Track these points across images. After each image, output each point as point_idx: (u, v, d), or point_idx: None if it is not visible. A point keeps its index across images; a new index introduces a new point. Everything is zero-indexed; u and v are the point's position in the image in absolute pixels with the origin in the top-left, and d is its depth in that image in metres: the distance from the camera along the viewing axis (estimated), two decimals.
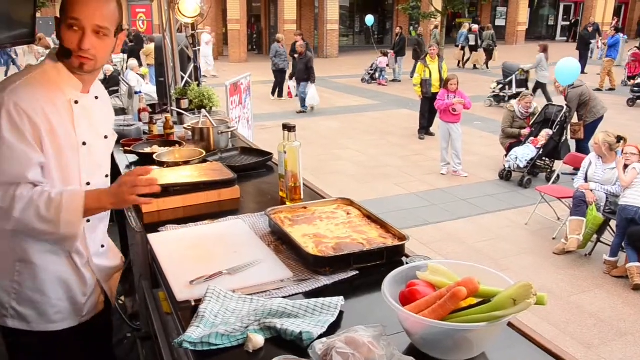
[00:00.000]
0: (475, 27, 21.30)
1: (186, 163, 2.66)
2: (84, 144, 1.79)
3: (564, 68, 8.35)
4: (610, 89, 15.39)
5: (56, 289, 1.85)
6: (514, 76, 13.00)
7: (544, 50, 12.59)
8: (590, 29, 19.95)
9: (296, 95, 13.73)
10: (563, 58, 8.38)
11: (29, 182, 1.66)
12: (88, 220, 1.86)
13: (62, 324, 1.89)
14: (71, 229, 1.69)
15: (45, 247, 1.79)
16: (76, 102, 1.78)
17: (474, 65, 20.78)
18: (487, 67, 20.57)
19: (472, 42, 21.06)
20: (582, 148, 8.02)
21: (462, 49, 21.45)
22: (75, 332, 1.93)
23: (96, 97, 1.89)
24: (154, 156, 2.74)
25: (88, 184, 1.82)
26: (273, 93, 15.24)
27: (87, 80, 1.82)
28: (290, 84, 14.20)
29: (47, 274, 1.82)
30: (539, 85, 12.57)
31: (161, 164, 2.67)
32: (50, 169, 1.72)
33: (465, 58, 21.49)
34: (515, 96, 11.86)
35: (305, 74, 12.91)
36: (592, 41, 20.18)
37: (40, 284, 1.82)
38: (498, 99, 13.44)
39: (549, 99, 11.51)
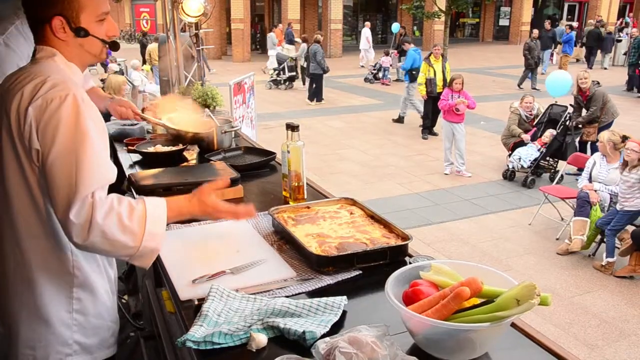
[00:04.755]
0: None
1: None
2: None
3: (556, 80, 8.38)
4: None
5: (108, 310, 1.74)
6: (285, 63, 16.18)
7: (305, 40, 16.03)
8: (600, 26, 20.05)
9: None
10: (554, 71, 8.43)
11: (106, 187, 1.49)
12: None
13: (114, 347, 1.80)
14: (153, 243, 1.49)
15: (94, 264, 1.67)
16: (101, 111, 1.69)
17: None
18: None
19: None
20: (592, 149, 7.96)
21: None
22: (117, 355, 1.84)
23: None
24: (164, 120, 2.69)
25: None
26: (312, 99, 14.33)
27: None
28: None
29: (102, 295, 1.70)
30: (303, 70, 16.11)
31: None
32: None
33: None
34: (290, 79, 16.51)
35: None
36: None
37: (99, 307, 1.69)
38: (276, 82, 16.64)
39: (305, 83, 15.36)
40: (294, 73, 16.67)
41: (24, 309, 1.59)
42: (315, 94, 14.26)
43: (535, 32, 16.58)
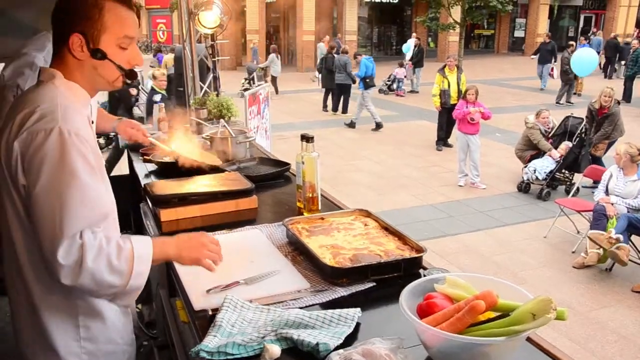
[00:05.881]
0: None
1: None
2: None
3: (582, 58, 8.20)
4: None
5: (121, 333, 1.67)
6: (254, 73, 16.61)
7: (274, 51, 17.98)
8: (616, 38, 19.98)
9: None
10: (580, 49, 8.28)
11: (98, 227, 1.41)
12: None
13: None
14: (139, 281, 1.45)
15: None
16: (92, 122, 1.61)
17: None
18: None
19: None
20: (599, 163, 7.93)
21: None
22: None
23: None
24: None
25: None
26: (336, 109, 14.40)
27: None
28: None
29: (111, 319, 1.63)
30: (272, 78, 17.20)
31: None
32: None
33: None
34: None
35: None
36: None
37: (110, 332, 1.62)
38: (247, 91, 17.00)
39: (276, 90, 17.13)
40: (263, 82, 16.92)
41: (34, 339, 1.57)
42: (344, 105, 14.33)
43: (573, 44, 16.34)
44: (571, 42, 17.27)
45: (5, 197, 1.48)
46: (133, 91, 8.96)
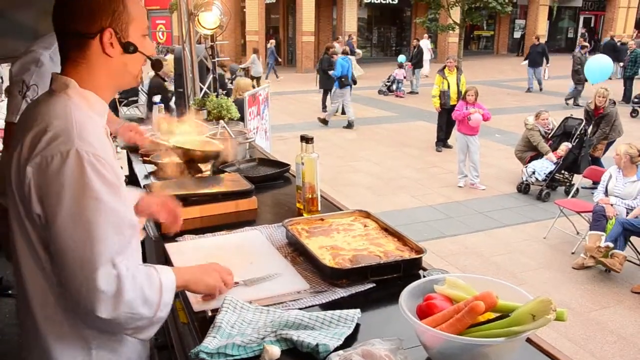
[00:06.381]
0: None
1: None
2: None
3: (596, 65, 8.18)
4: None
5: (139, 353, 1.52)
6: (237, 73, 16.52)
7: (256, 52, 18.63)
8: (613, 39, 19.91)
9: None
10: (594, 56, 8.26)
11: (126, 253, 1.28)
12: None
13: None
14: (165, 312, 1.34)
15: None
16: (111, 134, 1.50)
17: None
18: None
19: None
20: (598, 163, 7.95)
21: None
22: None
23: None
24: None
25: None
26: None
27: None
28: None
29: (127, 345, 1.46)
30: (252, 78, 16.95)
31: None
32: None
33: None
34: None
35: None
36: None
37: (127, 355, 1.47)
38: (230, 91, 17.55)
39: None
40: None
41: None
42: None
43: (582, 42, 16.20)
44: (585, 44, 17.21)
45: (15, 225, 1.34)
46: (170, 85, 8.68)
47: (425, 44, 21.56)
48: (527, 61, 17.89)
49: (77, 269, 1.22)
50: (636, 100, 13.84)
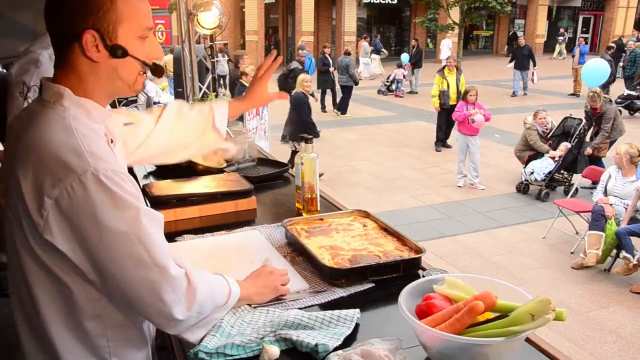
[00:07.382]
0: None
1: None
2: None
3: (592, 69, 8.20)
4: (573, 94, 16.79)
5: (145, 348, 1.45)
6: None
7: (221, 51, 18.67)
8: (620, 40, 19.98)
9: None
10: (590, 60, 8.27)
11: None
12: None
13: None
14: (220, 314, 1.39)
15: (136, 340, 1.38)
16: (112, 141, 1.40)
17: None
18: None
19: None
20: (599, 163, 7.93)
21: None
22: None
23: None
24: None
25: None
26: (340, 109, 14.41)
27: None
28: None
29: (135, 342, 1.39)
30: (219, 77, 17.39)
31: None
32: None
33: None
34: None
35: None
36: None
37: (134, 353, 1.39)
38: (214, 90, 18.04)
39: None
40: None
41: None
42: (345, 106, 14.36)
43: (614, 46, 16.05)
44: (612, 44, 17.09)
45: (23, 252, 1.23)
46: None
47: (447, 43, 21.63)
48: (512, 63, 17.35)
49: (144, 282, 1.19)
50: (619, 100, 13.74)
